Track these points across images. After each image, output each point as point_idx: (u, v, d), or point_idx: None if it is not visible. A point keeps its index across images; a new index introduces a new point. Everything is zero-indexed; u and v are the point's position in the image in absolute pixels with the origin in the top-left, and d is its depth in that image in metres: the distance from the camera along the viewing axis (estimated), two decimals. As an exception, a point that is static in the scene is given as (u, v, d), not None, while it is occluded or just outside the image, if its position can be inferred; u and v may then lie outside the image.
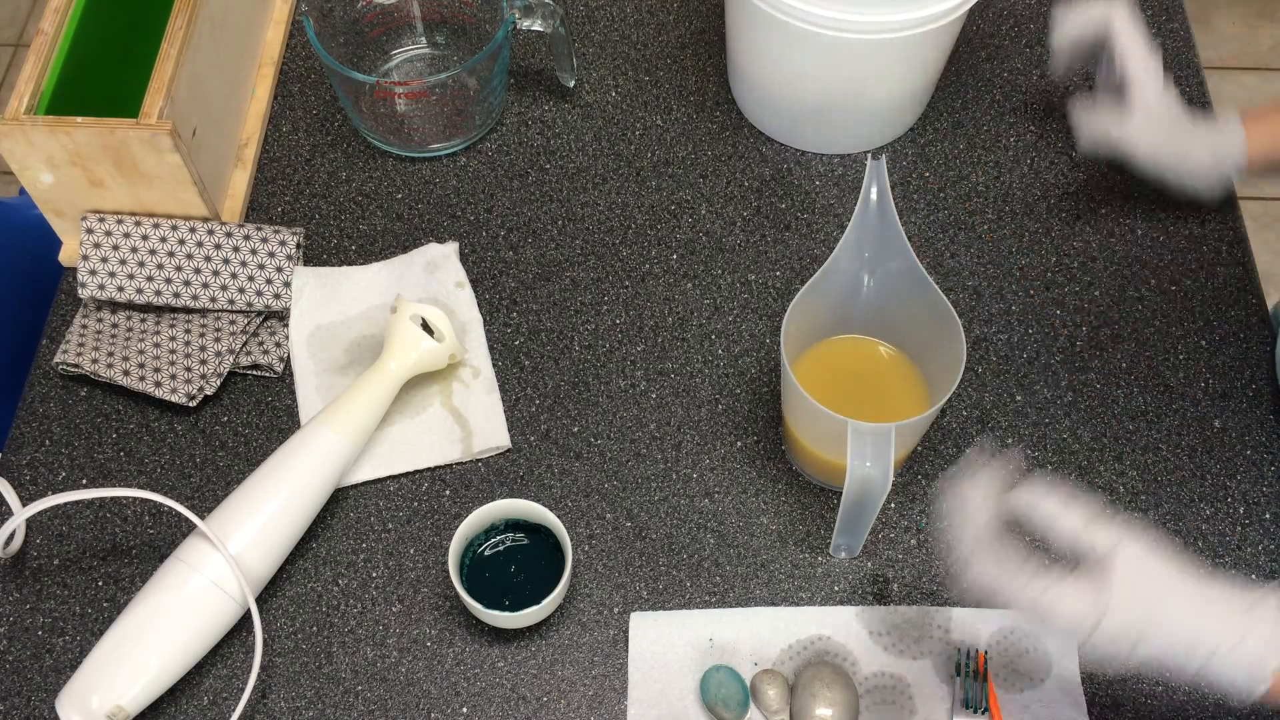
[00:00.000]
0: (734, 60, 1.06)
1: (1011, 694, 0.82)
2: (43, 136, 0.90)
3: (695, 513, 0.90)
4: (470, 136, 1.06)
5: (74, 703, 0.78)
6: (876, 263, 0.83)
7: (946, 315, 0.80)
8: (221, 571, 0.81)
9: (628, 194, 1.04)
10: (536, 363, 0.96)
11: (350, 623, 0.86)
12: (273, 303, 0.96)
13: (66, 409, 0.95)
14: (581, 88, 1.10)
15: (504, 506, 0.84)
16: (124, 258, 0.95)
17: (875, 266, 0.84)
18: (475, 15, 1.07)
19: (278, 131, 1.08)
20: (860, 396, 0.88)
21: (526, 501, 0.84)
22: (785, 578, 0.87)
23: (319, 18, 1.00)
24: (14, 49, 2.28)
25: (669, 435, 0.93)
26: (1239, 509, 0.89)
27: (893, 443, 0.75)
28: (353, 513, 0.90)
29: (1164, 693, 0.83)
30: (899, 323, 0.87)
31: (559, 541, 0.84)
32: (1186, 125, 0.92)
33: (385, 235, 1.02)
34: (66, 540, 0.89)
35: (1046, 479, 0.68)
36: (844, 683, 0.81)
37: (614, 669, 0.84)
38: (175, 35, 0.93)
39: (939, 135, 1.07)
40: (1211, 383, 0.94)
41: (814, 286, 0.81)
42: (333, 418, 0.87)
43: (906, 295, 0.83)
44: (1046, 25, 1.13)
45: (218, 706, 0.83)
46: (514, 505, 0.84)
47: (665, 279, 1.00)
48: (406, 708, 0.83)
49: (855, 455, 0.75)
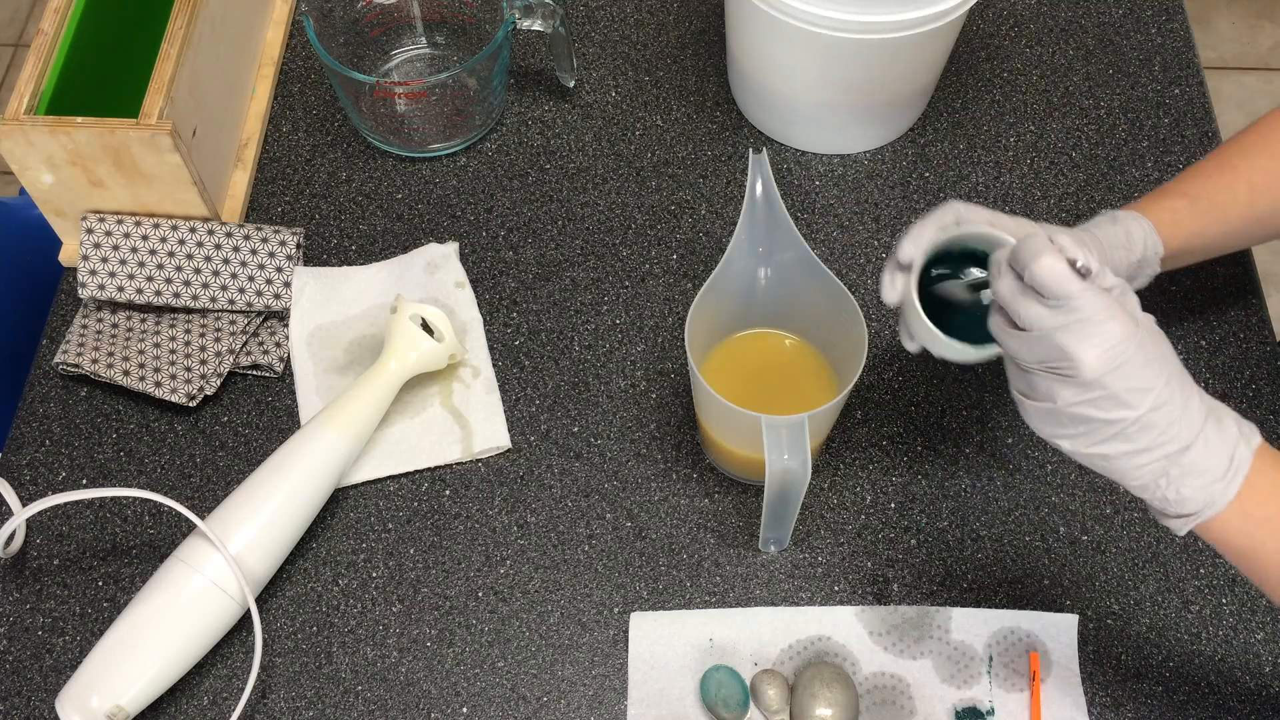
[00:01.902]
0: (734, 60, 1.06)
1: (1012, 694, 0.82)
2: (43, 136, 0.90)
3: (695, 513, 0.90)
4: (470, 136, 1.06)
5: (74, 703, 0.78)
6: (770, 256, 0.84)
7: (844, 299, 0.80)
8: (221, 571, 0.81)
9: (628, 194, 1.04)
10: (536, 363, 0.96)
11: (350, 623, 0.86)
12: (273, 303, 0.96)
13: (66, 409, 0.95)
14: (581, 88, 1.10)
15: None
16: (124, 258, 0.95)
17: (769, 259, 0.84)
18: (475, 15, 1.07)
19: (278, 131, 1.08)
20: (770, 390, 0.88)
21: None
22: (785, 578, 0.87)
23: (319, 18, 1.00)
24: (14, 49, 2.28)
25: (669, 435, 0.93)
26: (1239, 509, 0.89)
27: (807, 433, 0.75)
28: (353, 513, 0.90)
29: (1164, 693, 0.83)
30: (800, 312, 0.88)
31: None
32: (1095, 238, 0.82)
33: (385, 235, 1.02)
34: (66, 540, 0.89)
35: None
36: (844, 683, 0.81)
37: (614, 669, 0.84)
38: (175, 35, 0.93)
39: (939, 135, 1.07)
40: (1211, 383, 0.94)
41: (712, 286, 0.81)
42: (333, 418, 0.87)
43: (803, 285, 0.84)
44: (1047, 26, 1.13)
45: (218, 706, 0.83)
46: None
47: (665, 279, 1.00)
48: (406, 708, 0.83)
49: (772, 449, 0.75)
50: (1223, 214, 0.83)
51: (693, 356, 0.80)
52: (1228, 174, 0.83)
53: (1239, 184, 0.83)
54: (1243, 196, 0.83)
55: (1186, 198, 0.83)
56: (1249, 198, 0.83)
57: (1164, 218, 0.82)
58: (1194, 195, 0.83)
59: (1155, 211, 0.82)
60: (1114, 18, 1.13)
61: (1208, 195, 0.83)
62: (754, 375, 0.89)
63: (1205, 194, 0.83)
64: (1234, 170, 0.83)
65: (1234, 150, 0.84)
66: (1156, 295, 0.98)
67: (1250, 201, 0.83)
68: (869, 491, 0.90)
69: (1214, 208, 0.83)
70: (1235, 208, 0.83)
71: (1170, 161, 1.05)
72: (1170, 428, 0.62)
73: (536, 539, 0.89)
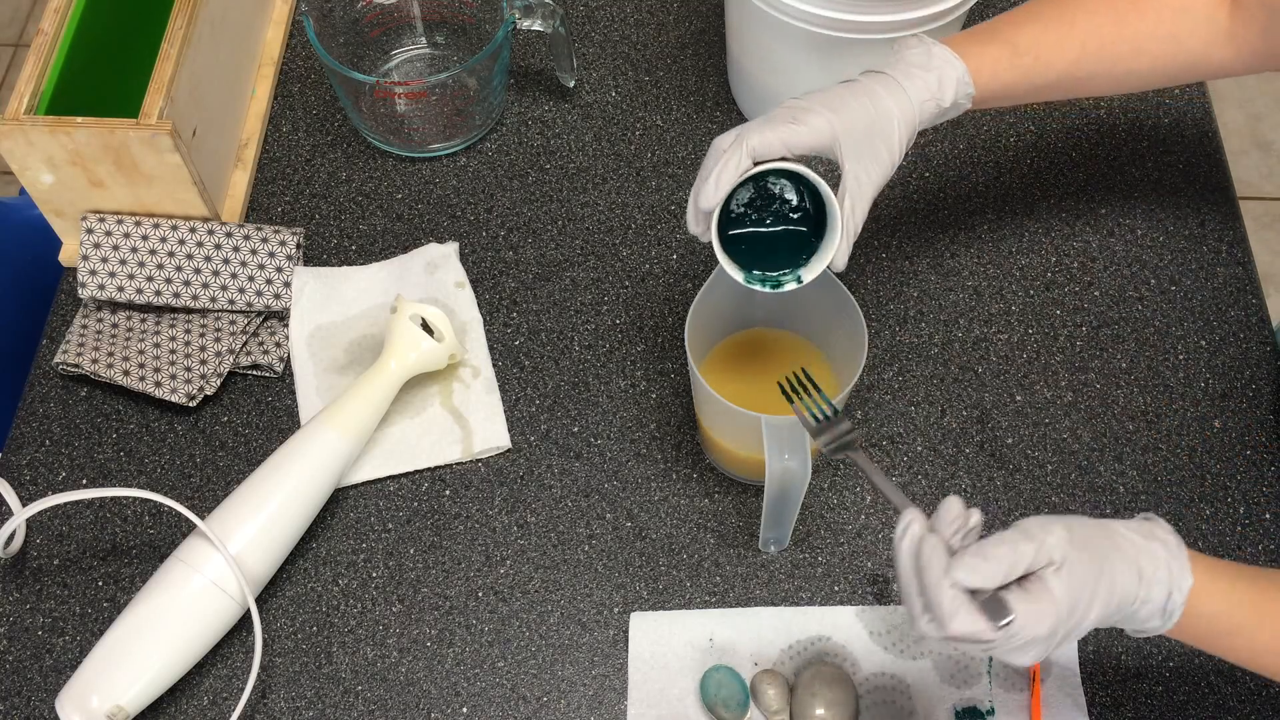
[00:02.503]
0: (734, 60, 1.06)
1: (1012, 694, 0.82)
2: (43, 136, 0.90)
3: (695, 513, 0.90)
4: (470, 136, 1.06)
5: (74, 703, 0.78)
6: None
7: (844, 300, 0.80)
8: (221, 571, 0.81)
9: (628, 194, 1.04)
10: (536, 363, 0.96)
11: (350, 623, 0.86)
12: (273, 303, 0.96)
13: (66, 409, 0.95)
14: (581, 88, 1.10)
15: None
16: (124, 258, 0.95)
17: None
18: (475, 15, 1.07)
19: (278, 131, 1.08)
20: (770, 390, 0.88)
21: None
22: (785, 578, 0.87)
23: (319, 18, 1.00)
24: (14, 49, 2.28)
25: (669, 435, 0.93)
26: (1239, 509, 0.89)
27: (807, 434, 0.75)
28: (353, 513, 0.90)
29: (1164, 693, 0.83)
30: (800, 312, 0.88)
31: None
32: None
33: (385, 235, 1.02)
34: (66, 540, 0.89)
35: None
36: (844, 683, 0.81)
37: (614, 669, 0.84)
38: (175, 35, 0.93)
39: (939, 135, 1.07)
40: (1211, 383, 0.94)
41: (712, 286, 0.81)
42: (333, 418, 0.87)
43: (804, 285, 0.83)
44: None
45: (218, 706, 0.83)
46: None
47: (665, 279, 1.00)
48: (406, 708, 0.83)
49: (772, 449, 0.74)
50: (1045, 69, 0.80)
51: (693, 356, 0.80)
52: (1064, 29, 0.79)
53: (1071, 42, 0.79)
54: (1071, 55, 0.80)
55: (1012, 48, 0.79)
56: (1077, 56, 0.80)
57: (984, 65, 0.78)
58: (1022, 48, 0.79)
59: (976, 58, 0.78)
60: (1114, 18, 1.13)
61: (1035, 51, 0.79)
62: (754, 375, 0.89)
63: (1033, 49, 0.79)
64: (1070, 27, 0.79)
65: (1077, 3, 0.80)
66: (1157, 295, 0.98)
67: (1077, 60, 0.80)
68: (869, 491, 0.90)
69: (1037, 63, 0.79)
70: (1060, 64, 0.80)
71: (1170, 161, 1.05)
72: (1117, 613, 0.64)
73: (536, 539, 0.89)
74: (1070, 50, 0.80)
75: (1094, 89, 0.85)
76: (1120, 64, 0.82)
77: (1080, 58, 0.81)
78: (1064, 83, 0.82)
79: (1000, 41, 0.79)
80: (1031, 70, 0.79)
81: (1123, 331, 0.97)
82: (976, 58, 0.78)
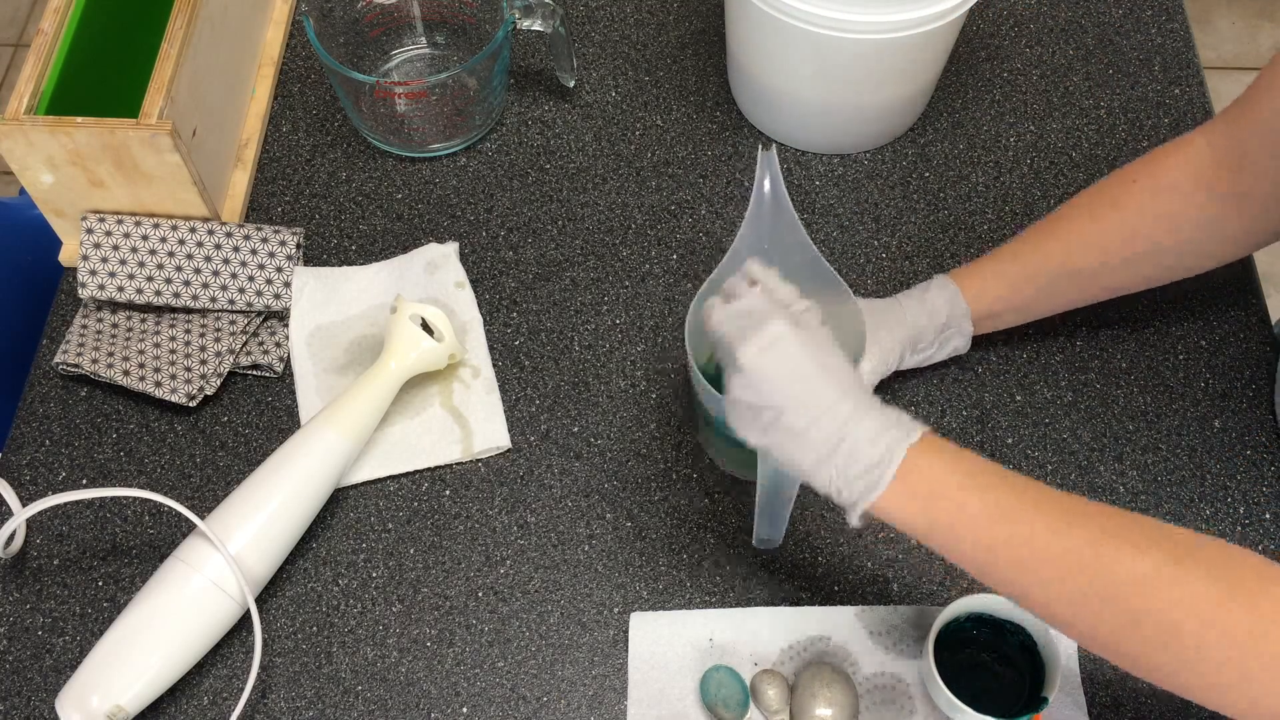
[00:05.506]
0: (734, 60, 1.06)
1: (1011, 694, 0.82)
2: (43, 136, 0.90)
3: (695, 513, 0.90)
4: (470, 136, 1.06)
5: (74, 703, 0.78)
6: (775, 255, 0.83)
7: (846, 300, 0.80)
8: (221, 571, 0.81)
9: (628, 194, 1.04)
10: (536, 363, 0.96)
11: (350, 623, 0.86)
12: (273, 303, 0.96)
13: (66, 409, 0.95)
14: (581, 88, 1.10)
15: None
16: (124, 258, 0.95)
17: (773, 259, 0.83)
18: (475, 15, 1.07)
19: (278, 131, 1.08)
20: None
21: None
22: (785, 578, 0.87)
23: (319, 18, 1.00)
24: (14, 49, 2.28)
25: (669, 435, 0.93)
26: (1239, 509, 0.89)
27: None
28: (353, 513, 0.90)
29: (1164, 693, 0.83)
30: None
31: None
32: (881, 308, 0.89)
33: (385, 235, 1.02)
34: (66, 540, 0.89)
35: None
36: (844, 683, 0.81)
37: (614, 669, 0.84)
38: (175, 35, 0.93)
39: (939, 135, 1.07)
40: (1211, 383, 0.94)
41: (713, 285, 0.80)
42: (333, 418, 0.87)
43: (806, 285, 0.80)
44: (1047, 26, 1.13)
45: (218, 706, 0.83)
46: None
47: (665, 279, 1.00)
48: (406, 708, 0.83)
49: None
50: (1033, 275, 0.88)
51: (693, 356, 0.80)
52: (1042, 237, 0.88)
53: (1052, 244, 0.87)
54: (1056, 255, 0.87)
55: (996, 261, 0.89)
56: (1062, 256, 0.86)
57: (972, 283, 0.88)
58: (1005, 259, 0.88)
59: (966, 277, 0.89)
60: (1114, 18, 1.13)
61: (1016, 258, 0.88)
62: None
63: (1015, 257, 0.88)
64: (1049, 234, 0.87)
65: (1055, 217, 0.88)
66: (1157, 296, 0.98)
67: (1063, 260, 0.86)
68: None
69: (1023, 270, 0.88)
70: (1048, 266, 0.87)
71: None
72: (821, 418, 0.65)
73: (536, 539, 0.89)
74: (1053, 251, 0.87)
75: (1105, 282, 0.89)
76: (1113, 252, 0.86)
77: (1065, 257, 0.86)
78: (1068, 285, 0.88)
79: (989, 259, 0.89)
80: (1019, 278, 0.88)
81: (1123, 331, 0.97)
82: (967, 276, 0.89)
